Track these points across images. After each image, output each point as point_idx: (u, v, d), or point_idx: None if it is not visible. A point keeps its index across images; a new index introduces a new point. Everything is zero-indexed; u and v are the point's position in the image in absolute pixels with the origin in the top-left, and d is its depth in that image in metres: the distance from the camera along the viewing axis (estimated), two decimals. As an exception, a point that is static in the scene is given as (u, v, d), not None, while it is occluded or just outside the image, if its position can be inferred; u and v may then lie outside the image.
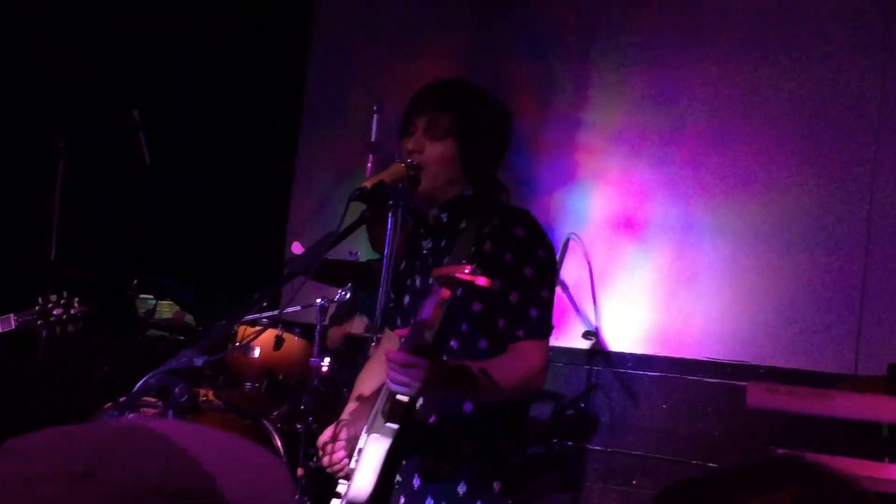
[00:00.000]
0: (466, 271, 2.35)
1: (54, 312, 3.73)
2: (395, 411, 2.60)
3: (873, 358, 4.81)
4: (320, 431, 2.92)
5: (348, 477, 2.79)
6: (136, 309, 5.43)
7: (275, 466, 1.17)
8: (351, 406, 2.96)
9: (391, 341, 3.09)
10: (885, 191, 5.06)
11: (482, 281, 2.36)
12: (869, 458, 4.09)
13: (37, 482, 0.95)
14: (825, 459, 4.01)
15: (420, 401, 2.70)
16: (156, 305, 5.58)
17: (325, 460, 2.80)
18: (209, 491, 1.01)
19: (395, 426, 2.61)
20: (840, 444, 4.23)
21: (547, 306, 2.73)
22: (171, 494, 0.97)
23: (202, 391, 5.08)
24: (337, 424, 2.86)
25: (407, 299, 2.88)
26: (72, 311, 3.74)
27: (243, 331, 5.00)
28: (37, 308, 3.75)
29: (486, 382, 2.59)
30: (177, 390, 2.48)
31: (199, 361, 2.50)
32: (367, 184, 2.70)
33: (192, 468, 1.02)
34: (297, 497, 4.61)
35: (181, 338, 5.54)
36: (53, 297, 3.73)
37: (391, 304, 3.05)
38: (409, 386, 2.43)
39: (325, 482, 2.94)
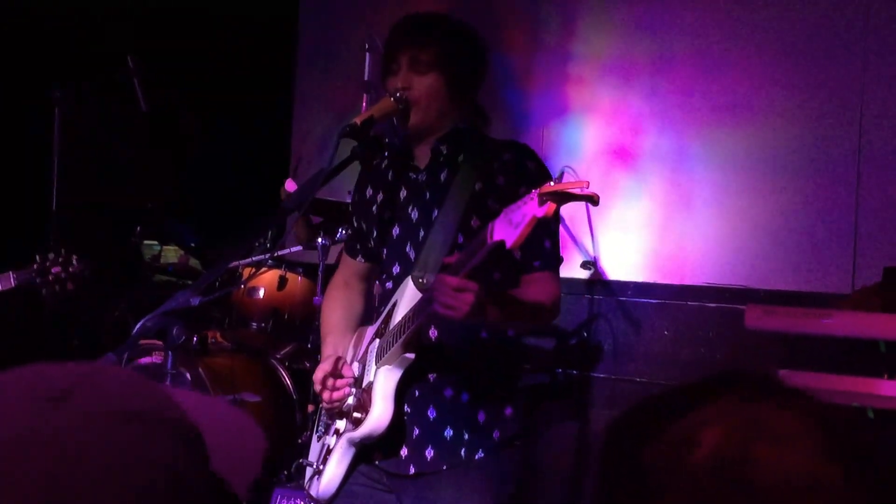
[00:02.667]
0: (587, 187, 2.29)
1: (53, 270, 3.74)
2: (412, 341, 2.69)
3: (870, 277, 4.85)
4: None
5: (343, 414, 2.86)
6: (141, 255, 5.48)
7: (247, 421, 1.17)
8: (333, 340, 3.01)
9: (350, 267, 3.13)
10: (873, 110, 5.07)
11: (596, 198, 2.32)
12: (868, 374, 4.15)
13: (7, 406, 0.94)
14: (825, 378, 4.08)
15: (434, 333, 2.77)
16: (161, 251, 5.63)
17: (327, 396, 2.86)
18: (185, 421, 1.00)
19: (412, 356, 2.72)
20: (840, 363, 4.28)
21: (557, 238, 2.83)
22: (149, 421, 0.96)
23: (210, 333, 5.16)
24: (327, 360, 2.90)
25: (397, 231, 2.91)
26: (70, 270, 3.75)
27: (248, 272, 5.05)
28: (35, 266, 3.76)
29: (520, 311, 2.71)
30: (175, 331, 2.54)
31: (195, 301, 2.56)
32: (357, 120, 2.76)
33: (168, 401, 1.02)
34: (305, 434, 4.70)
35: (188, 282, 5.59)
36: (52, 256, 3.74)
37: (348, 231, 3.10)
38: (458, 310, 2.46)
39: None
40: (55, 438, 0.91)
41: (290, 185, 4.47)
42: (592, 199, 2.28)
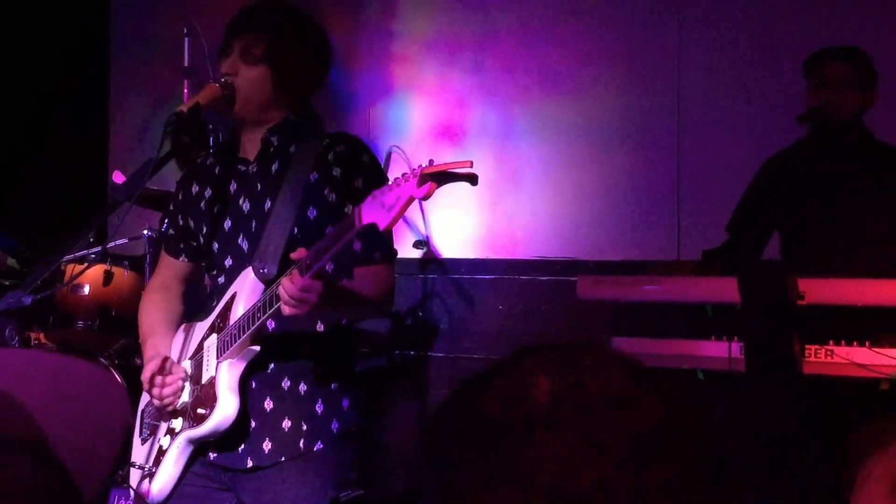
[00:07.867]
0: (470, 166, 2.26)
1: None
2: (258, 334, 2.65)
3: (693, 244, 5.01)
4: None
5: (179, 413, 2.79)
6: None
7: (107, 382, 1.12)
8: (154, 342, 2.91)
9: (170, 269, 3.05)
10: (689, 79, 5.25)
11: (476, 178, 2.28)
12: (697, 337, 4.29)
13: None
14: (656, 343, 4.18)
15: (272, 324, 2.73)
16: (-27, 252, 5.35)
17: (157, 392, 2.77)
18: (32, 435, 0.94)
19: (257, 348, 2.68)
20: (670, 327, 4.41)
21: (391, 231, 2.79)
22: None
23: (33, 334, 4.96)
24: (153, 360, 2.81)
25: (228, 223, 2.86)
26: None
27: (71, 269, 4.86)
28: None
29: (360, 302, 2.71)
30: (7, 332, 2.43)
31: (26, 300, 2.45)
32: (184, 107, 2.69)
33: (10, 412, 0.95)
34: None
35: (6, 283, 5.35)
36: None
37: (170, 231, 3.02)
38: (302, 308, 2.45)
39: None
40: None
41: (118, 177, 4.32)
42: (472, 179, 2.27)
